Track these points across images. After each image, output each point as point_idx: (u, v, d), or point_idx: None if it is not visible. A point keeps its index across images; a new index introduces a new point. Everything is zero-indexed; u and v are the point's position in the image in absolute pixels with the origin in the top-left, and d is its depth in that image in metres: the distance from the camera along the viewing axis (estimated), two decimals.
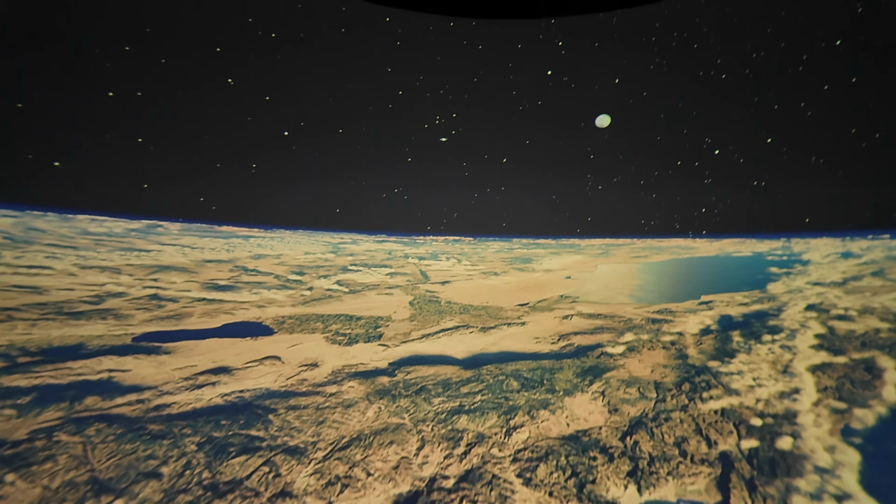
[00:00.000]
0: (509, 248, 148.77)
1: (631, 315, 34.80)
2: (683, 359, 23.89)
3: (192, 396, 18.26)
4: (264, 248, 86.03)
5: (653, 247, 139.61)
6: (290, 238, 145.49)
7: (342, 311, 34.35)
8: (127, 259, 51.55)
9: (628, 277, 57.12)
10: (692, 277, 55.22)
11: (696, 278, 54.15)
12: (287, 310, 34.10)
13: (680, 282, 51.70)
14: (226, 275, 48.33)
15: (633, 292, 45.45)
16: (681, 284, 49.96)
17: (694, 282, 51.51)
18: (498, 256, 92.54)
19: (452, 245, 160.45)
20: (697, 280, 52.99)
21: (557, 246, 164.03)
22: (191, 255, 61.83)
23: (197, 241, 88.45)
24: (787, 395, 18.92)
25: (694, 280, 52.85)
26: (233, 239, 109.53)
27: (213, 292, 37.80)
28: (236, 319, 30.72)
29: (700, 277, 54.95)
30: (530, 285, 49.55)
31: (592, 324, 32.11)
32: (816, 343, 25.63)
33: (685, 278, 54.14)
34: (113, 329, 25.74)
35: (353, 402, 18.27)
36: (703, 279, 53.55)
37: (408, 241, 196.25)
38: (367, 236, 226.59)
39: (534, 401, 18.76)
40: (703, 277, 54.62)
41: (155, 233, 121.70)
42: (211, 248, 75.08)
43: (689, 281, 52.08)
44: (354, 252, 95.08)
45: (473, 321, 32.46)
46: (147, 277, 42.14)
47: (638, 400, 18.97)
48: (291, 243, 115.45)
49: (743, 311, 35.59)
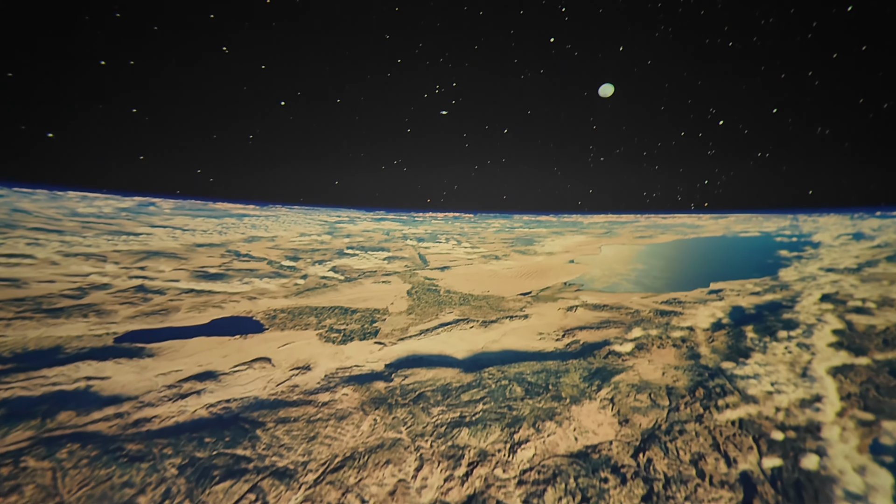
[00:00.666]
0: (510, 226, 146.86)
1: (638, 306, 33.83)
2: (695, 359, 22.99)
3: (175, 408, 17.35)
4: (258, 228, 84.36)
5: (657, 224, 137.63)
6: (286, 217, 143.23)
7: (337, 303, 33.30)
8: (114, 244, 50.11)
9: (633, 261, 55.95)
10: (700, 262, 54.06)
11: (704, 262, 53.02)
12: (279, 301, 33.03)
13: (687, 267, 50.56)
14: (217, 261, 47.04)
15: (639, 278, 44.38)
16: (688, 270, 48.84)
17: (702, 267, 50.37)
18: (499, 237, 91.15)
19: (452, 223, 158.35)
20: (705, 265, 51.87)
21: (559, 224, 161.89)
22: (181, 239, 60.35)
23: (189, 222, 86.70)
24: (808, 404, 18.06)
25: (702, 265, 51.72)
26: (226, 219, 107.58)
27: (202, 282, 36.62)
28: (226, 314, 29.66)
29: (708, 261, 53.80)
30: (532, 270, 48.40)
31: (598, 316, 31.15)
32: (835, 340, 24.70)
33: (692, 263, 52.98)
34: (94, 328, 24.69)
35: (347, 413, 17.40)
36: (711, 263, 52.42)
37: (406, 218, 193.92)
38: (366, 213, 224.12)
39: (539, 410, 17.90)
40: (710, 261, 53.47)
41: (146, 212, 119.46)
42: (203, 229, 73.49)
43: (697, 266, 50.94)
44: (351, 233, 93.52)
45: (474, 314, 31.48)
46: (134, 266, 40.84)
47: (650, 408, 18.12)
48: (287, 223, 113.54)
49: (755, 301, 34.59)
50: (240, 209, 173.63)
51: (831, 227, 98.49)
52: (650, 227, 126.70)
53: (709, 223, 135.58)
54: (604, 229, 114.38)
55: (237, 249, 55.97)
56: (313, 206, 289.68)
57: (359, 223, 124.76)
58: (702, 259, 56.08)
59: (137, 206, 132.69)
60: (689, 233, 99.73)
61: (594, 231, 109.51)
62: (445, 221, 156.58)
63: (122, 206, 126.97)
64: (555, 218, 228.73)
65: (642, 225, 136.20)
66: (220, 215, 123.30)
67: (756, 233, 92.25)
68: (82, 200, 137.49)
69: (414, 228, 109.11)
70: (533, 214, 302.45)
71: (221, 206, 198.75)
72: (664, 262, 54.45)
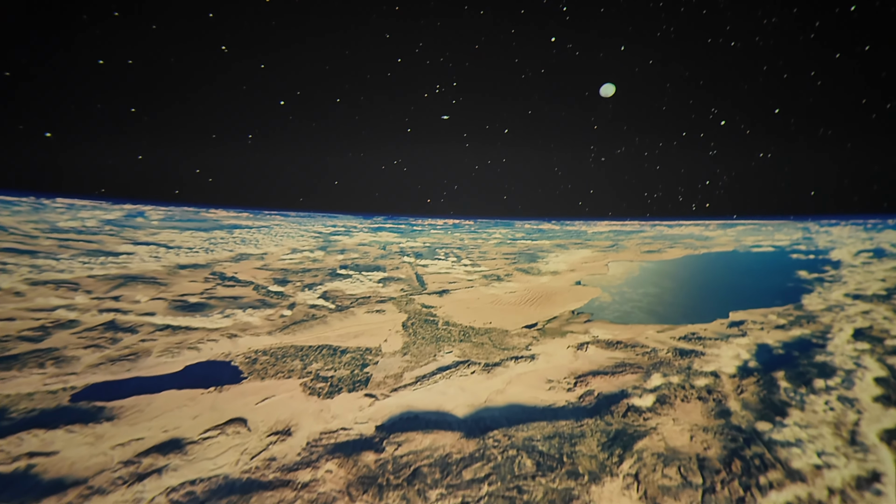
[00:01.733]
0: (512, 236, 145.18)
1: (654, 342, 31.88)
2: (726, 416, 21.02)
3: (129, 495, 15.29)
4: (248, 244, 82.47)
5: (664, 235, 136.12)
6: (279, 228, 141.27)
7: (325, 340, 31.29)
8: (90, 268, 48.10)
9: (644, 283, 54.13)
10: (714, 284, 52.26)
11: (720, 285, 51.21)
12: (263, 339, 31.01)
13: (702, 290, 48.76)
14: (199, 286, 45.04)
15: (651, 305, 42.50)
16: (703, 294, 47.02)
17: (717, 290, 48.55)
18: (500, 251, 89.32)
19: (452, 233, 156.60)
20: (721, 288, 50.05)
21: (562, 233, 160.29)
22: (165, 259, 58.38)
23: (175, 238, 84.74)
24: (866, 484, 16.12)
25: (717, 288, 49.91)
26: (216, 232, 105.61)
27: (180, 316, 34.58)
28: (202, 357, 27.62)
29: (723, 284, 51.99)
30: (537, 295, 46.52)
31: (612, 357, 29.21)
32: (880, 393, 22.79)
33: (707, 285, 51.19)
34: (50, 382, 22.64)
35: (331, 500, 15.39)
36: (726, 287, 50.61)
37: (405, 227, 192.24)
38: (363, 221, 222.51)
39: (553, 492, 15.91)
40: (726, 284, 51.66)
41: (132, 224, 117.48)
42: (189, 246, 71.49)
43: (712, 289, 49.13)
44: (346, 247, 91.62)
45: (475, 353, 29.47)
46: (107, 295, 38.84)
47: (681, 489, 16.13)
48: (279, 235, 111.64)
49: (782, 337, 32.66)
50: (232, 218, 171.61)
51: (847, 241, 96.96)
52: (657, 238, 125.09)
53: (717, 234, 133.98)
54: (609, 241, 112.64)
55: (223, 271, 53.97)
56: (310, 212, 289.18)
57: (354, 235, 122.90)
58: (716, 281, 54.29)
59: (124, 218, 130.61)
60: (698, 246, 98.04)
61: (599, 243, 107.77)
62: (445, 231, 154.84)
63: (108, 218, 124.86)
64: (557, 226, 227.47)
65: (648, 236, 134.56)
66: (210, 227, 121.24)
67: (769, 247, 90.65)
68: (67, 211, 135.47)
69: (412, 241, 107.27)
70: (535, 221, 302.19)
71: (214, 213, 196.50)
72: (677, 285, 52.63)
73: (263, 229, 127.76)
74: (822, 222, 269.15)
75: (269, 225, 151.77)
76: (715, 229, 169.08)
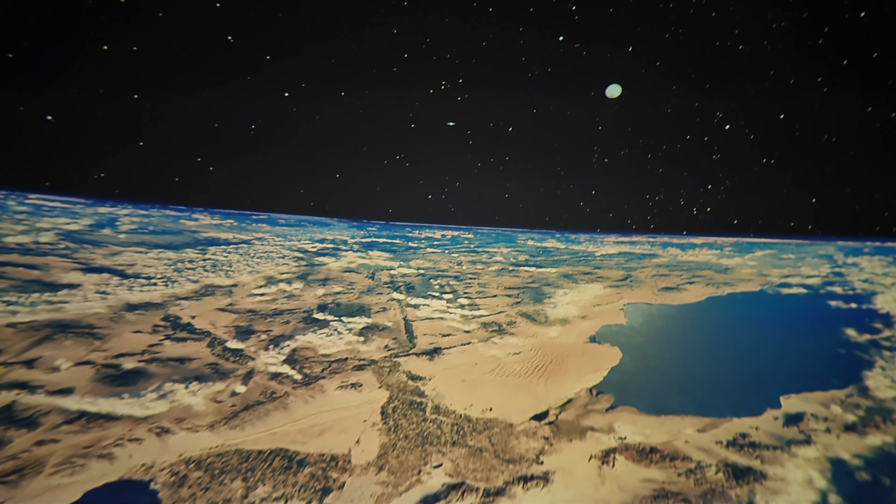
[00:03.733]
0: (514, 259, 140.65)
1: (697, 452, 26.75)
2: None
3: None
4: (219, 269, 77.17)
5: (679, 263, 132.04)
6: (261, 243, 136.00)
7: (281, 441, 25.93)
8: (12, 313, 42.64)
9: (669, 341, 49.25)
10: (752, 347, 47.45)
11: (759, 350, 46.40)
12: (201, 438, 25.64)
13: (740, 358, 43.94)
14: (143, 341, 39.69)
15: (683, 382, 37.55)
16: (742, 365, 42.20)
17: (758, 358, 43.75)
18: (502, 284, 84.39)
19: (449, 253, 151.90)
20: (761, 354, 45.25)
21: (568, 256, 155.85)
22: (113, 296, 52.98)
23: (138, 260, 79.34)
24: None
25: (756, 354, 45.10)
26: (186, 251, 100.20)
27: (103, 397, 29.14)
28: (113, 474, 22.30)
29: (763, 348, 47.17)
30: (545, 360, 41.52)
31: (648, 478, 24.11)
32: None
33: (744, 350, 46.36)
34: None
35: None
36: (767, 352, 45.81)
37: (400, 242, 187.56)
38: (357, 232, 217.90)
39: None
40: (766, 348, 46.87)
41: (94, 238, 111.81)
42: (148, 276, 65.97)
43: (752, 357, 44.31)
44: (330, 274, 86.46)
45: (472, 468, 24.21)
46: (20, 358, 33.42)
47: None
48: (257, 256, 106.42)
49: (858, 447, 27.36)
50: (213, 228, 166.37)
51: (884, 280, 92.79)
52: (671, 266, 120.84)
53: (736, 264, 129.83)
54: (621, 270, 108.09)
55: (178, 315, 48.65)
56: (304, 217, 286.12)
57: (342, 256, 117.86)
58: (754, 341, 49.43)
59: (90, 229, 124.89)
60: (719, 282, 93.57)
61: (610, 273, 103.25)
62: (442, 250, 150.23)
63: (70, 229, 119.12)
64: (562, 243, 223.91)
65: (662, 262, 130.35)
66: (183, 243, 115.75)
67: (800, 287, 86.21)
68: (30, 218, 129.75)
69: (405, 267, 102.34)
70: (538, 233, 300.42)
71: (196, 220, 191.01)
72: (708, 346, 47.75)
73: (242, 246, 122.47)
74: (839, 244, 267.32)
75: (250, 239, 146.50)
76: (731, 254, 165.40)
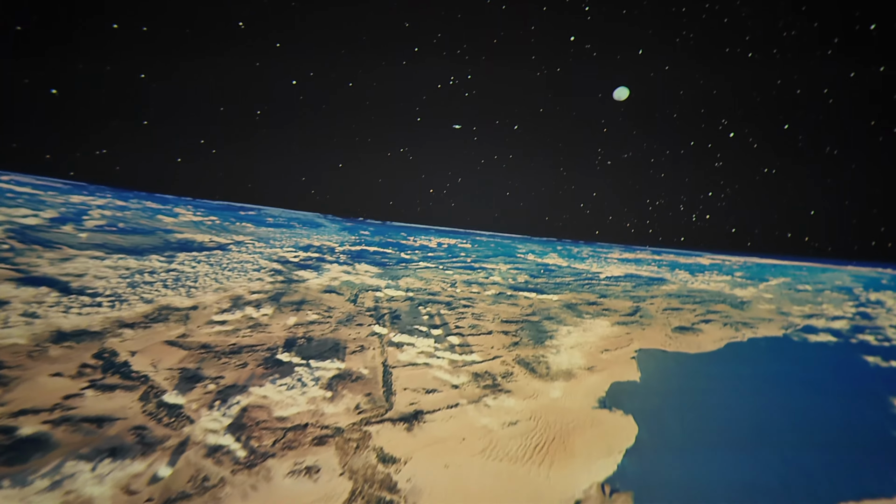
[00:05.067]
0: (513, 280, 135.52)
1: None
2: None
3: None
4: (181, 283, 71.39)
5: (691, 295, 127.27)
6: (238, 250, 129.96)
7: None
8: None
9: (693, 408, 44.11)
10: (788, 420, 42.45)
11: (797, 425, 41.43)
12: None
13: (777, 437, 38.91)
14: (58, 391, 33.92)
15: (718, 471, 32.39)
16: (780, 445, 37.14)
17: (798, 439, 38.73)
18: (498, 317, 79.03)
19: (444, 269, 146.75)
20: (802, 431, 40.26)
21: (571, 278, 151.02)
22: (43, 319, 47.02)
23: (90, 268, 73.41)
24: None
25: (795, 432, 40.10)
26: (151, 259, 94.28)
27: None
28: None
29: (801, 422, 42.22)
30: (547, 435, 36.13)
31: None
32: None
33: (779, 426, 41.34)
34: None
35: None
36: (808, 429, 40.84)
37: (392, 252, 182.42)
38: (348, 237, 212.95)
39: None
40: (806, 425, 41.92)
41: (50, 238, 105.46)
42: (95, 289, 60.11)
43: (789, 437, 39.31)
44: (307, 294, 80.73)
45: None
46: None
47: None
48: (230, 267, 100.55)
49: None
50: (190, 227, 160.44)
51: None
52: (682, 297, 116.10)
53: (751, 296, 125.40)
54: (628, 301, 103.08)
55: (115, 350, 42.92)
56: (296, 212, 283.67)
57: (325, 270, 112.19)
58: (790, 419, 44.39)
59: (50, 223, 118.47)
60: (736, 321, 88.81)
61: (617, 305, 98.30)
62: (437, 265, 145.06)
63: (28, 223, 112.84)
64: (564, 261, 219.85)
65: (672, 291, 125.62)
66: (150, 247, 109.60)
67: (827, 333, 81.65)
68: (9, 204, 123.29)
69: (393, 288, 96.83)
70: (538, 244, 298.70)
71: (177, 215, 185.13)
72: (734, 423, 42.57)
73: (216, 254, 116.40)
74: (851, 268, 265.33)
75: (228, 244, 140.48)
76: (744, 281, 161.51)
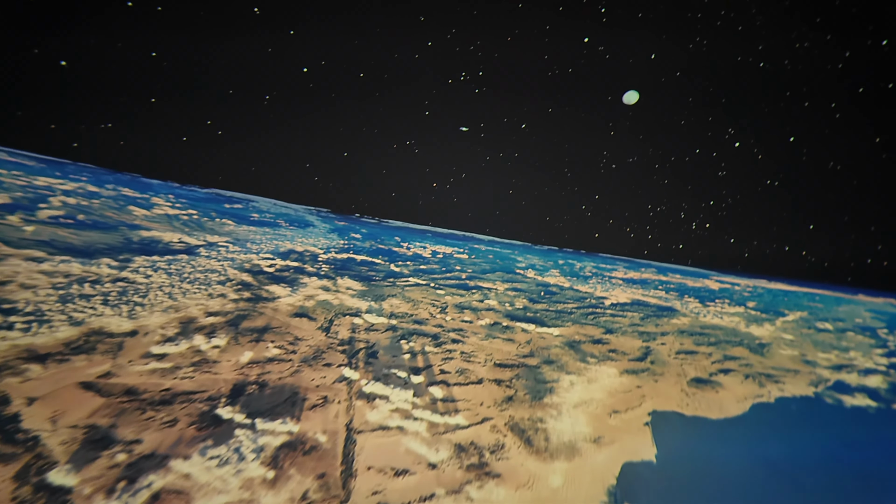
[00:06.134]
0: (510, 306, 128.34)
1: None
2: None
3: None
4: (127, 298, 63.71)
5: (704, 333, 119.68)
6: (208, 253, 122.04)
7: None
8: None
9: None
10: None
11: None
12: None
13: None
14: None
15: None
16: None
17: None
18: (492, 357, 71.57)
19: (436, 288, 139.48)
20: None
21: (574, 304, 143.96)
22: None
23: (24, 271, 65.58)
24: None
25: None
26: (100, 262, 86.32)
27: None
28: None
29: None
30: None
31: None
32: None
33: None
34: None
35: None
36: None
37: (382, 262, 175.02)
38: (338, 240, 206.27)
39: None
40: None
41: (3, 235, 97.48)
42: (11, 307, 52.29)
43: None
44: (276, 314, 73.06)
45: None
46: None
47: None
48: (191, 278, 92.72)
49: None
50: (162, 222, 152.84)
51: None
52: (695, 336, 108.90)
53: (770, 334, 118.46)
54: (637, 340, 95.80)
55: (9, 395, 35.15)
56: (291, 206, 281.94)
57: (302, 284, 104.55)
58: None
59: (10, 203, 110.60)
60: (758, 372, 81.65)
61: (624, 345, 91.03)
62: (428, 283, 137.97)
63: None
64: (566, 280, 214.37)
65: (683, 327, 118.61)
66: (101, 250, 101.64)
67: (862, 394, 74.45)
68: None
69: (374, 313, 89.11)
70: (538, 255, 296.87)
71: (147, 210, 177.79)
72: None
73: (181, 258, 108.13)
74: (862, 297, 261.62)
75: (198, 246, 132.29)
76: (759, 317, 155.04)
